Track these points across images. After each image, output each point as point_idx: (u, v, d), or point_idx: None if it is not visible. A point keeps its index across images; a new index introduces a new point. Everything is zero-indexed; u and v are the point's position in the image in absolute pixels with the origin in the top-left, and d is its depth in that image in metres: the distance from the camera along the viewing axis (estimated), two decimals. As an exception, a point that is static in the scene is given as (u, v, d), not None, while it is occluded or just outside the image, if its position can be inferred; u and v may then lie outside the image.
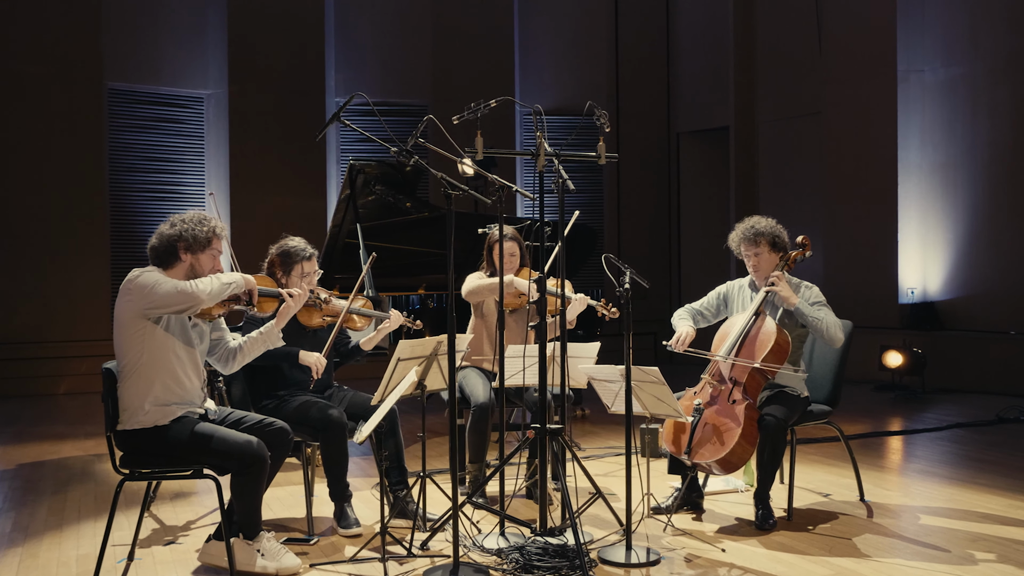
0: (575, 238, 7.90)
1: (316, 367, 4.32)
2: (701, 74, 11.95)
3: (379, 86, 10.88)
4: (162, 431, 3.54)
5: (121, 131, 9.80)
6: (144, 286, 3.48)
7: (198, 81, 10.17)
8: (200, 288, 3.50)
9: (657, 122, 12.25)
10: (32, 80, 9.28)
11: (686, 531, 4.25)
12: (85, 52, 9.51)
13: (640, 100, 12.11)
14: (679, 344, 4.52)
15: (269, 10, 10.23)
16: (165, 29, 10.01)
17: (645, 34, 12.16)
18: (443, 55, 11.07)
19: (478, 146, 3.91)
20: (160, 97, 10.04)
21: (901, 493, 4.97)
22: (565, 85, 11.89)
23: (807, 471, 5.47)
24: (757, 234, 4.55)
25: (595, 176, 12.06)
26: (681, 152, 12.24)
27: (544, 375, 3.95)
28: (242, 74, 10.08)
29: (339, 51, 10.79)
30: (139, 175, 9.91)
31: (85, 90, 9.51)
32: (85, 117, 9.51)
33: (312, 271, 4.55)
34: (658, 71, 12.25)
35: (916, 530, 4.28)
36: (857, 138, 10.01)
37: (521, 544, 3.89)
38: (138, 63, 9.85)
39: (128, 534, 4.12)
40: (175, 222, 3.65)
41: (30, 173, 9.25)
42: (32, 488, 5.34)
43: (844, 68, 10.10)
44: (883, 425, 7.24)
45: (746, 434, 4.23)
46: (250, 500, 3.62)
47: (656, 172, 12.23)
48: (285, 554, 3.73)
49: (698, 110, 11.99)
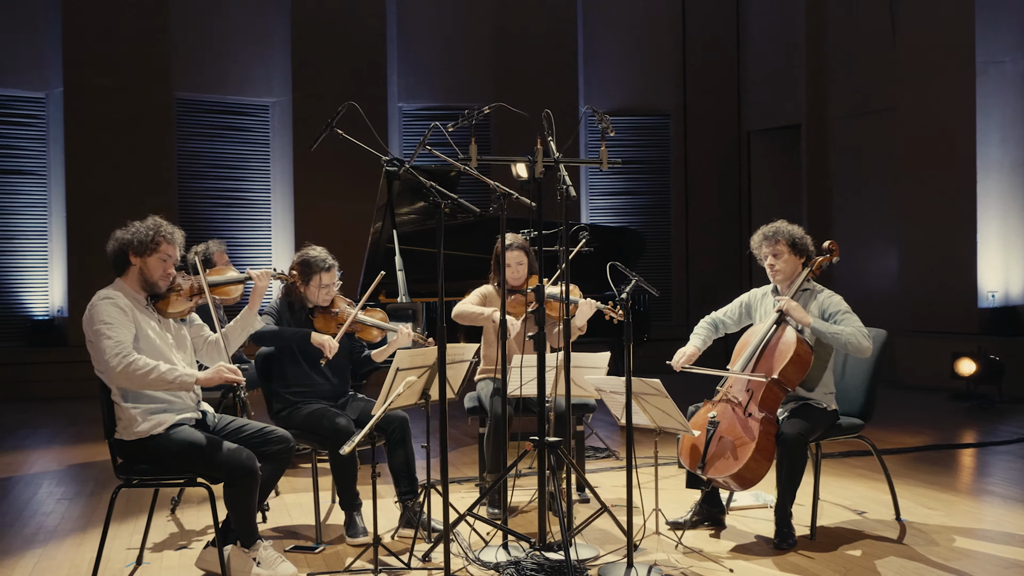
0: (623, 243, 7.76)
1: (327, 346, 4.34)
2: (772, 70, 11.61)
3: (441, 91, 10.92)
4: (156, 440, 3.58)
5: (188, 139, 10.09)
6: (91, 328, 3.56)
7: (263, 89, 10.38)
8: (134, 375, 3.47)
9: (727, 121, 11.95)
10: (103, 92, 9.63)
11: (697, 549, 4.09)
12: (153, 63, 9.82)
13: (709, 99, 11.84)
14: (679, 363, 4.38)
15: (332, 18, 10.38)
16: (230, 39, 10.26)
17: (713, 30, 11.89)
18: (504, 58, 11.04)
19: (472, 153, 3.83)
20: (226, 106, 10.29)
21: (944, 513, 4.69)
22: (631, 85, 11.71)
23: (846, 487, 5.22)
24: (777, 232, 4.36)
25: (662, 178, 11.85)
26: (752, 151, 11.92)
27: (543, 385, 3.86)
28: (306, 81, 10.25)
29: (401, 57, 10.87)
30: (206, 182, 10.19)
31: (153, 100, 9.82)
32: (154, 126, 9.82)
33: (331, 282, 4.58)
34: (727, 68, 11.95)
35: (947, 554, 4.02)
36: (933, 134, 9.55)
37: (518, 559, 3.81)
38: (204, 73, 10.12)
39: (156, 537, 4.21)
40: (129, 227, 3.70)
41: (101, 183, 9.59)
42: (73, 489, 5.51)
43: (918, 61, 9.65)
44: (951, 437, 6.88)
45: (761, 448, 4.06)
46: (242, 510, 3.64)
47: (726, 172, 11.94)
48: (281, 563, 3.74)
49: (769, 108, 11.65)
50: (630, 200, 11.72)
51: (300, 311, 4.61)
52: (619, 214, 11.64)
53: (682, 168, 11.77)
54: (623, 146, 11.71)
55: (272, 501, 5.07)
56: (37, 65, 9.73)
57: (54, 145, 9.75)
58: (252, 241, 10.34)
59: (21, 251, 9.72)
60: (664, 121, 11.83)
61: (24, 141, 9.73)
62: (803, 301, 4.32)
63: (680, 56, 11.77)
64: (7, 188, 9.66)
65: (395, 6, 10.86)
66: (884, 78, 10.08)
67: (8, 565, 4.04)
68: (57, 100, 9.70)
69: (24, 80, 9.70)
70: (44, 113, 9.77)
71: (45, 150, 9.79)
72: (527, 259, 5.01)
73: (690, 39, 11.80)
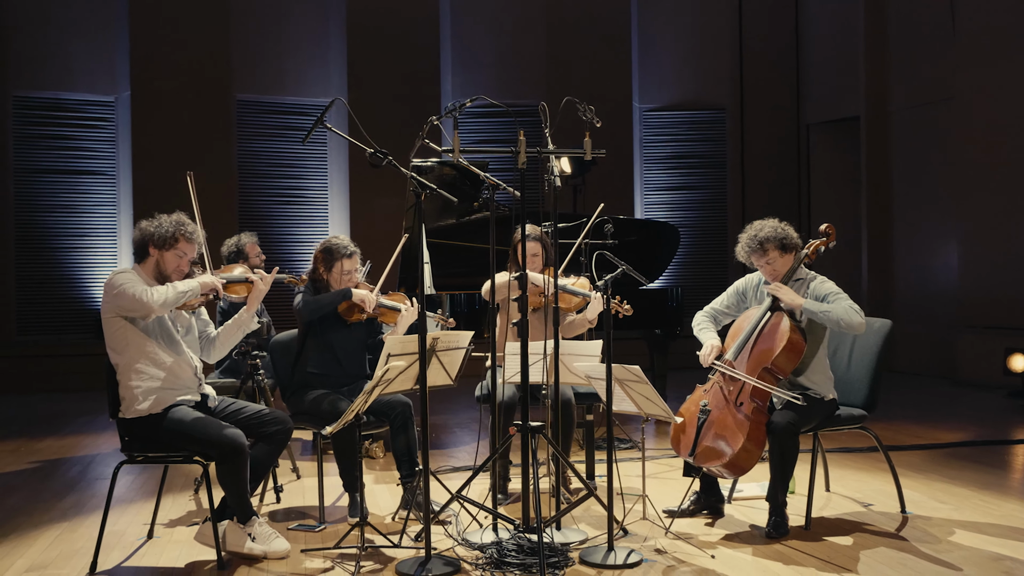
0: (660, 238, 7.74)
1: (367, 301, 4.56)
2: (830, 61, 11.39)
3: (495, 87, 11.02)
4: (154, 419, 3.80)
5: (249, 140, 10.46)
6: (112, 287, 3.77)
7: (320, 89, 10.68)
8: (154, 299, 3.73)
9: (785, 114, 11.78)
10: (167, 95, 10.07)
11: (686, 536, 4.11)
12: (216, 67, 10.22)
13: (766, 91, 11.69)
14: (710, 358, 4.35)
15: (386, 18, 10.62)
16: (288, 42, 10.60)
17: (771, 22, 11.73)
18: (557, 54, 11.11)
19: (455, 145, 3.94)
20: (285, 106, 10.62)
21: (953, 507, 4.59)
22: (686, 79, 11.65)
23: (860, 479, 5.16)
24: (763, 241, 4.31)
25: (718, 173, 11.74)
26: (811, 144, 11.71)
27: (526, 373, 3.94)
28: (362, 81, 10.51)
29: (455, 54, 11.05)
30: (266, 181, 10.54)
31: (215, 102, 10.22)
32: (215, 127, 10.22)
33: (353, 268, 4.77)
34: (785, 60, 11.78)
35: (940, 547, 3.95)
36: (996, 124, 9.24)
37: (500, 540, 3.90)
38: (263, 75, 10.47)
39: (173, 514, 4.45)
40: (156, 219, 3.93)
41: (165, 183, 10.00)
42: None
43: (980, 50, 9.36)
44: (997, 434, 6.70)
45: (752, 437, 4.06)
46: (234, 487, 3.82)
47: (783, 166, 11.77)
48: (275, 539, 3.91)
49: (828, 100, 11.43)
50: (685, 195, 11.65)
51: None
52: (674, 209, 11.58)
53: (738, 162, 11.65)
54: (678, 141, 11.66)
55: (291, 484, 5.27)
56: (107, 70, 10.24)
57: (122, 146, 10.24)
58: (310, 238, 10.64)
59: (92, 248, 10.23)
60: (720, 115, 11.72)
61: (95, 143, 10.24)
62: (796, 291, 4.30)
63: (737, 49, 11.64)
64: (79, 188, 10.18)
65: (448, 5, 11.04)
66: (945, 68, 9.81)
67: (32, 536, 4.32)
68: (125, 103, 10.18)
69: (96, 85, 10.21)
70: (113, 116, 10.27)
71: (114, 151, 10.28)
72: (543, 251, 5.09)
73: (747, 31, 11.66)
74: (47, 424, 7.70)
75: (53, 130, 10.10)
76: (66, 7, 10.11)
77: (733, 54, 11.64)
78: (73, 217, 10.16)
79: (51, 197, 10.12)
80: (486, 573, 3.64)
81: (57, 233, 10.13)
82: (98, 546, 3.84)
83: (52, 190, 10.12)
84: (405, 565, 3.71)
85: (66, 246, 10.14)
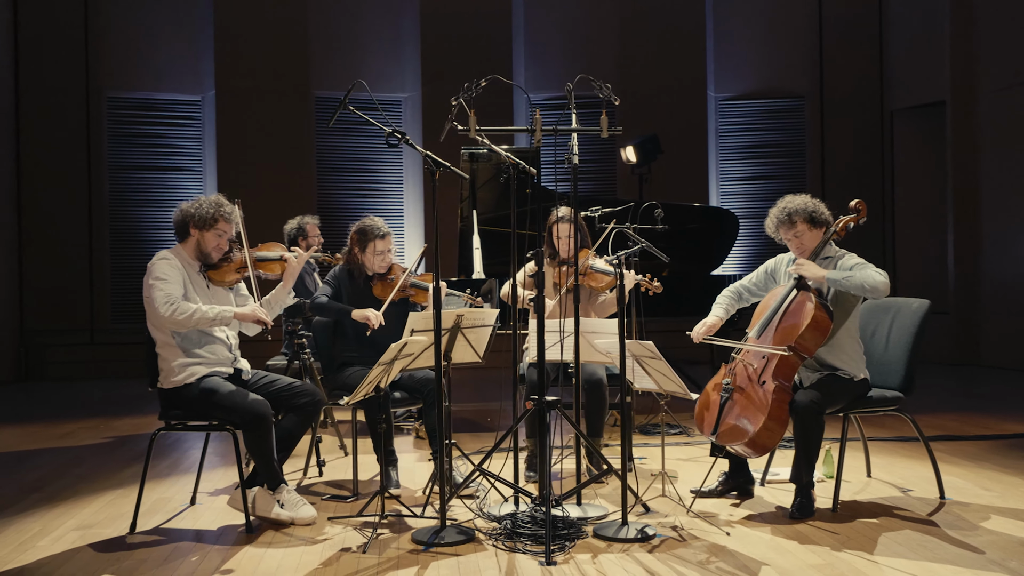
0: (720, 224, 7.67)
1: (369, 320, 4.66)
2: (915, 45, 11.02)
3: (567, 79, 11.05)
4: (188, 389, 4.01)
5: (327, 134, 10.78)
6: (149, 275, 4.01)
7: (395, 85, 10.93)
8: (179, 319, 3.93)
9: (868, 100, 11.45)
10: (249, 93, 10.47)
11: (707, 515, 4.10)
12: (294, 66, 10.58)
13: (848, 77, 11.40)
14: (699, 334, 4.38)
15: (459, 13, 10.79)
16: (363, 39, 10.88)
17: (852, 6, 11.42)
18: (630, 43, 11.08)
19: (471, 124, 4.02)
20: (361, 102, 10.87)
21: (997, 494, 4.42)
22: (762, 66, 11.46)
23: (905, 465, 5.03)
24: (792, 214, 4.28)
25: (797, 162, 11.50)
26: (896, 131, 11.36)
27: (543, 350, 3.99)
28: (435, 77, 10.71)
29: (528, 47, 11.13)
30: (344, 175, 10.86)
31: (294, 100, 10.58)
32: (295, 124, 10.58)
33: (385, 249, 4.91)
34: (868, 45, 11.45)
35: (969, 532, 3.82)
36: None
37: (515, 512, 3.97)
38: (340, 71, 10.77)
39: (221, 483, 4.66)
40: (196, 200, 4.14)
41: (248, 178, 10.42)
42: (183, 441, 6.12)
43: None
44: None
45: (773, 415, 4.01)
46: (260, 453, 3.99)
47: (866, 153, 11.45)
48: (303, 506, 4.07)
49: (913, 84, 11.07)
50: (762, 185, 11.45)
51: (360, 278, 4.95)
52: (750, 199, 11.40)
53: (818, 151, 11.39)
54: (755, 130, 11.47)
55: (338, 460, 5.45)
56: (194, 71, 10.72)
57: (208, 143, 10.69)
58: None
59: (180, 240, 10.71)
60: (799, 103, 11.48)
61: (183, 140, 10.74)
62: (826, 268, 4.23)
63: (816, 34, 11.39)
64: (169, 184, 10.69)
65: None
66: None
67: (87, 500, 4.59)
68: (211, 102, 10.63)
69: (184, 85, 10.70)
70: (200, 114, 10.74)
71: (201, 148, 10.75)
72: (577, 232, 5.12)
73: (826, 16, 11.39)
74: (129, 405, 8.12)
75: (144, 128, 10.63)
76: (155, 12, 10.62)
77: (812, 40, 11.38)
78: (163, 211, 10.65)
79: (143, 192, 10.66)
80: (498, 543, 3.71)
81: (148, 226, 10.65)
82: (136, 508, 4.07)
83: (143, 185, 10.66)
84: (420, 533, 3.81)
85: (157, 239, 10.63)
